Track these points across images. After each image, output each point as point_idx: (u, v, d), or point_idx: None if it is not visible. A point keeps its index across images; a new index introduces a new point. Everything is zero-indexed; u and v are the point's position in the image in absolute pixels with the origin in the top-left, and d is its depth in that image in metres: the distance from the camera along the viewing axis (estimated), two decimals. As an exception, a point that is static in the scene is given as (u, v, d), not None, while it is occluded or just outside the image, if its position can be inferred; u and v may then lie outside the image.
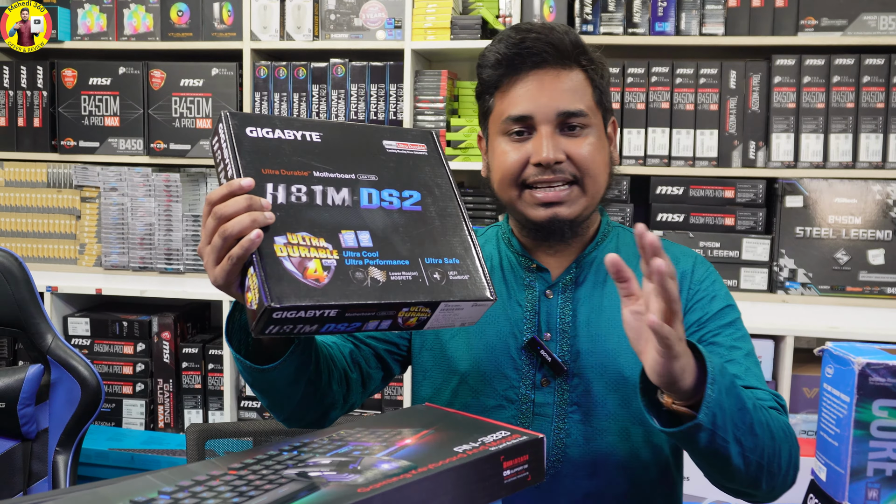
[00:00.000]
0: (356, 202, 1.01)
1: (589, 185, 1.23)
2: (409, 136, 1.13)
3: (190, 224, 2.70)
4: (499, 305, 1.29)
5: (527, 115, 1.21)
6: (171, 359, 2.72)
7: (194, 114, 2.70)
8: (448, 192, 1.10)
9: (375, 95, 2.61)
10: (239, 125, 0.99)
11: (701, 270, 1.29)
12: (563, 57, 1.21)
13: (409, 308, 0.96)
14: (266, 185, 0.95)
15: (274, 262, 0.90)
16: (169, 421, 2.74)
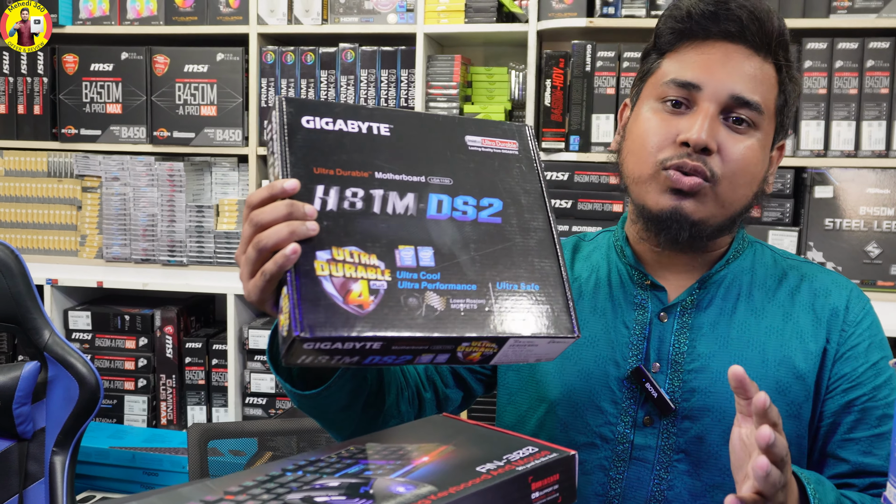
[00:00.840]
0: (422, 211, 0.87)
1: (726, 193, 1.02)
2: (498, 130, 0.96)
3: (194, 215, 2.62)
4: (601, 325, 1.10)
5: (695, 83, 1.01)
6: (173, 354, 2.64)
7: (199, 100, 2.61)
8: (537, 201, 0.93)
9: (386, 81, 2.52)
10: (294, 113, 0.86)
11: (857, 308, 1.07)
12: (764, 40, 1.02)
13: (469, 343, 0.83)
14: (316, 188, 0.83)
15: (312, 282, 0.78)
16: (172, 418, 2.66)
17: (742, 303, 1.07)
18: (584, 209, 2.32)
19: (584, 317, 1.11)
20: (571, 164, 2.35)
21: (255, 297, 0.82)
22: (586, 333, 1.10)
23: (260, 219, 0.80)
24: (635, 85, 1.12)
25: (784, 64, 1.04)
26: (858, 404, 1.02)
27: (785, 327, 1.05)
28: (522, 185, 0.93)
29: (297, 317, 0.76)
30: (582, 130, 2.35)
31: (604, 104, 2.34)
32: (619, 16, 2.33)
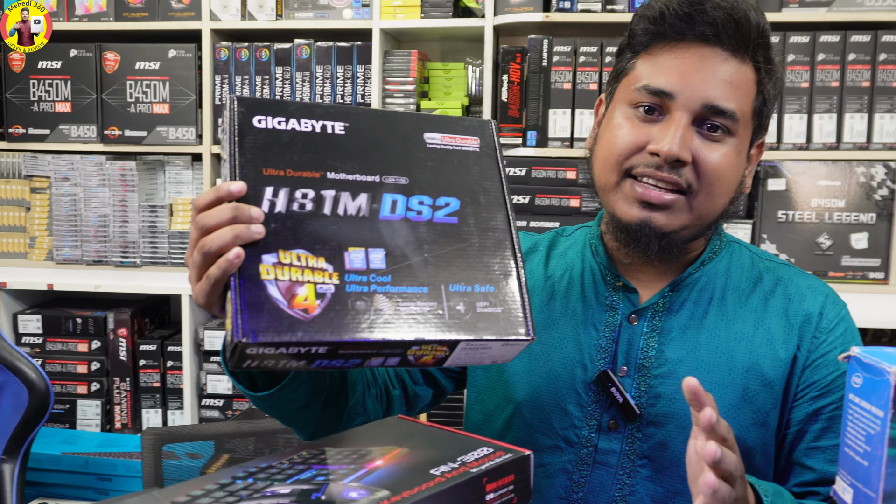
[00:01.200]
0: (375, 211, 0.85)
1: (701, 204, 0.99)
2: (459, 127, 0.94)
3: (147, 215, 2.57)
4: (571, 326, 1.08)
5: (668, 91, 0.97)
6: (127, 356, 2.59)
7: (151, 98, 2.56)
8: (497, 200, 0.91)
9: (342, 77, 2.50)
10: (246, 113, 0.84)
11: (831, 314, 1.04)
12: (741, 42, 0.97)
13: (419, 346, 0.81)
14: (264, 190, 0.81)
15: (256, 286, 0.76)
16: (126, 422, 2.61)
17: (714, 307, 1.05)
18: (542, 204, 2.32)
19: (555, 317, 1.09)
20: (529, 159, 2.34)
21: (202, 301, 0.81)
22: (556, 335, 1.08)
23: (205, 222, 0.78)
24: (610, 82, 1.09)
25: (763, 64, 1.00)
26: (826, 412, 1.00)
27: (755, 334, 1.03)
28: (482, 184, 0.91)
29: (239, 322, 0.74)
30: (539, 125, 2.35)
31: (561, 99, 2.34)
32: (575, 10, 2.33)
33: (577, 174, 2.32)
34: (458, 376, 1.19)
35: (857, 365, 0.70)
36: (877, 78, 2.27)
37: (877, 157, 2.27)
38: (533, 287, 1.13)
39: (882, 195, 2.27)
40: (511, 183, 2.33)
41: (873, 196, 2.28)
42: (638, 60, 1.02)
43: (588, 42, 2.33)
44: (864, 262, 2.29)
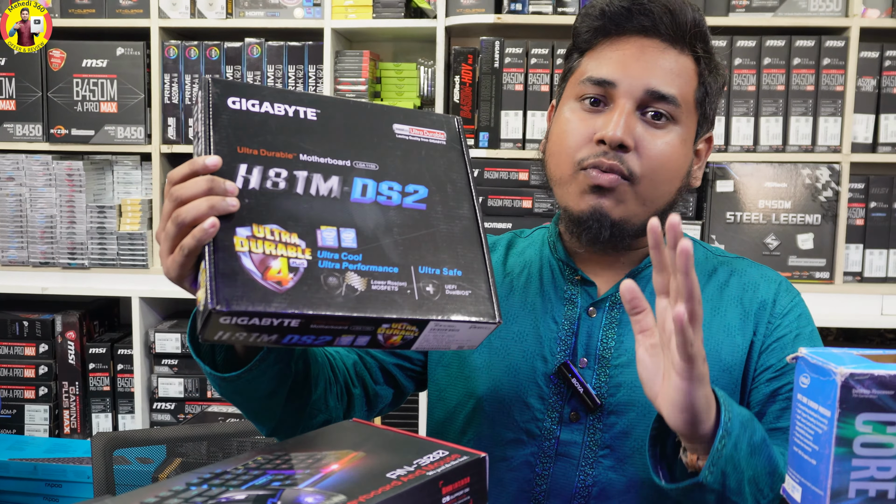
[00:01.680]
0: (346, 194, 0.87)
1: (646, 191, 1.01)
2: (427, 120, 0.96)
3: (95, 215, 2.53)
4: (531, 320, 1.09)
5: (610, 80, 1.01)
6: (76, 360, 2.55)
7: (98, 97, 2.52)
8: (464, 190, 0.94)
9: (294, 77, 2.48)
10: (220, 94, 0.86)
11: (785, 300, 1.07)
12: (678, 32, 1.01)
13: (390, 325, 0.82)
14: (238, 167, 0.82)
15: (230, 257, 0.77)
16: (75, 426, 2.56)
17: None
18: (495, 205, 2.34)
19: (514, 312, 1.11)
20: (481, 160, 2.35)
21: (174, 274, 0.81)
22: (515, 329, 1.10)
23: (180, 193, 0.79)
24: (559, 84, 1.12)
25: (703, 55, 1.03)
26: (784, 392, 1.02)
27: (712, 322, 1.06)
28: (449, 175, 0.94)
29: (213, 289, 0.75)
30: (491, 127, 2.36)
31: (513, 101, 2.35)
32: (527, 12, 2.35)
33: (529, 175, 2.34)
34: (419, 376, 1.20)
35: (805, 366, 0.72)
36: (821, 82, 2.32)
37: (821, 159, 2.33)
38: None
39: (827, 197, 2.33)
40: (464, 184, 2.34)
41: (818, 197, 2.33)
42: (583, 59, 1.06)
43: (539, 44, 2.35)
44: (810, 263, 2.35)
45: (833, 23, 2.31)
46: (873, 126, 2.34)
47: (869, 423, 0.67)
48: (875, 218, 2.36)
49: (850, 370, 0.67)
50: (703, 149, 1.10)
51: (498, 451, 1.07)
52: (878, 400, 0.66)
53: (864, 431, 0.67)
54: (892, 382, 0.67)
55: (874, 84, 2.33)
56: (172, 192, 0.80)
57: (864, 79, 2.32)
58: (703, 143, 1.09)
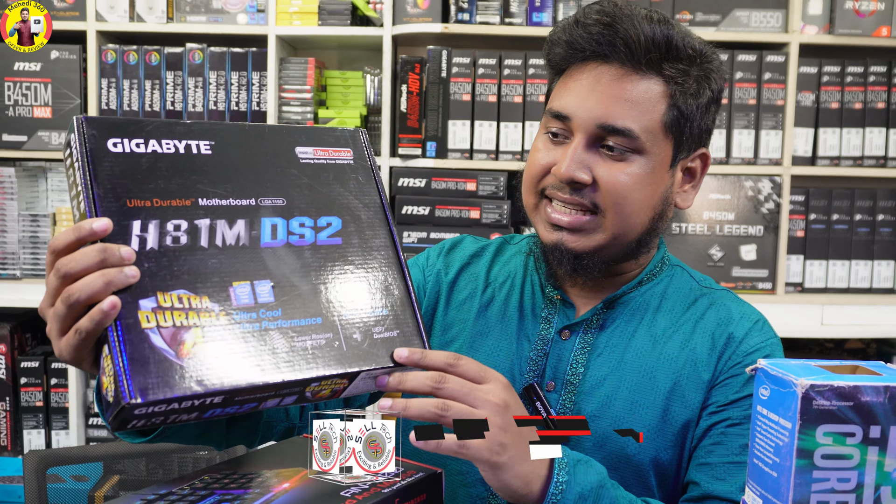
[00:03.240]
0: (255, 239, 0.79)
1: (612, 223, 0.98)
2: (330, 138, 0.89)
3: (27, 224, 2.44)
4: (506, 336, 1.07)
5: (565, 114, 0.97)
6: (7, 374, 2.45)
7: (31, 101, 2.43)
8: (377, 215, 0.88)
9: (237, 84, 2.43)
10: (98, 136, 0.75)
11: (755, 339, 1.03)
12: (636, 56, 0.94)
13: (319, 382, 0.77)
14: (131, 224, 0.73)
15: (137, 337, 0.69)
16: (5, 443, 2.46)
17: (644, 327, 1.04)
18: (442, 216, 2.32)
19: (490, 325, 1.09)
20: (428, 170, 2.34)
21: (68, 357, 0.72)
22: (490, 342, 1.07)
23: (68, 269, 0.70)
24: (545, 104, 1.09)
25: (673, 76, 0.96)
26: (719, 428, 0.99)
27: (680, 355, 1.02)
28: (361, 199, 0.88)
29: (124, 382, 0.67)
30: (439, 136, 2.35)
31: (460, 110, 2.34)
32: (474, 22, 2.34)
33: (477, 186, 2.33)
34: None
35: (765, 377, 0.71)
36: (762, 96, 2.36)
37: (763, 171, 2.37)
38: (473, 291, 1.12)
39: (769, 208, 2.37)
40: (411, 194, 2.32)
41: (761, 209, 2.37)
42: (556, 84, 1.03)
43: (487, 54, 2.34)
44: (753, 273, 2.38)
45: (773, 38, 2.36)
46: (812, 140, 2.38)
47: (829, 434, 0.67)
48: (815, 230, 2.40)
49: (810, 381, 0.66)
50: (695, 167, 1.04)
51: (454, 465, 1.04)
52: (837, 411, 0.66)
53: (824, 443, 0.66)
54: (851, 393, 0.67)
55: (813, 99, 2.37)
56: (59, 267, 0.70)
57: (804, 93, 2.37)
58: (694, 161, 1.04)
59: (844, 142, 2.38)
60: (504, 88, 2.34)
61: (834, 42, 2.36)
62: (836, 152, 2.38)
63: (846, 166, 2.39)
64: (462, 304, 1.12)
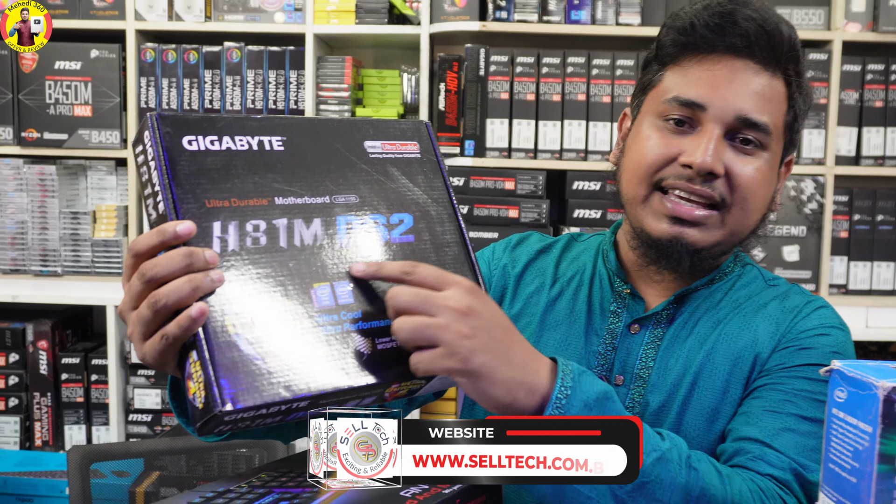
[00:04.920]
0: (331, 237, 0.77)
1: (735, 218, 0.96)
2: (396, 131, 0.87)
3: (68, 222, 2.46)
4: (574, 330, 1.05)
5: (700, 103, 0.95)
6: (48, 370, 2.47)
7: (71, 100, 2.45)
8: (446, 210, 0.86)
9: (274, 83, 2.44)
10: (173, 133, 0.73)
11: (815, 319, 1.00)
12: (773, 55, 0.95)
13: (399, 384, 0.76)
14: (212, 226, 0.71)
15: (225, 343, 0.68)
16: (47, 439, 2.49)
17: (707, 316, 1.02)
18: (480, 215, 2.31)
19: (558, 319, 1.07)
20: (467, 168, 2.33)
21: (154, 362, 0.72)
22: (557, 336, 1.05)
23: (154, 273, 0.69)
24: (636, 95, 1.06)
25: (794, 78, 0.97)
26: (759, 387, 0.97)
27: (741, 336, 1.00)
28: (429, 194, 0.86)
29: (216, 389, 0.67)
30: (477, 135, 2.34)
31: (498, 109, 2.33)
32: (512, 20, 2.33)
33: (515, 185, 2.32)
34: None
35: (841, 379, 0.70)
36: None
37: (806, 171, 2.34)
38: (541, 286, 1.10)
39: (812, 209, 2.34)
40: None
41: (804, 210, 2.34)
42: (666, 72, 1.00)
43: (525, 52, 2.33)
44: (796, 275, 2.35)
45: (816, 36, 2.32)
46: (856, 139, 2.35)
47: (912, 438, 0.65)
48: (859, 231, 2.37)
49: (892, 384, 0.65)
50: (783, 171, 1.05)
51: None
52: (921, 415, 0.65)
53: (906, 447, 0.65)
54: (933, 397, 0.65)
55: (856, 97, 2.34)
56: (144, 271, 0.69)
57: (847, 92, 2.34)
58: (783, 167, 1.04)
59: (889, 141, 2.34)
60: (542, 87, 2.33)
61: (878, 39, 2.32)
62: (881, 151, 2.35)
63: (890, 166, 2.35)
64: (529, 297, 1.10)
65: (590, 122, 2.33)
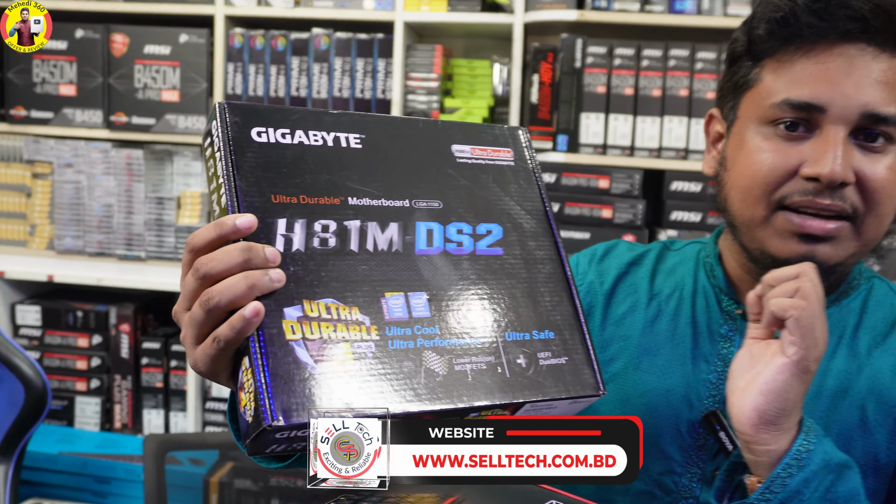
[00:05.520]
0: (409, 245, 0.71)
1: (869, 227, 0.85)
2: (489, 136, 0.80)
3: (153, 207, 2.46)
4: (678, 355, 0.94)
5: (818, 104, 0.82)
6: (129, 354, 2.48)
7: (160, 84, 2.45)
8: (541, 223, 0.78)
9: (362, 71, 2.38)
10: (241, 124, 0.69)
11: None
12: (893, 33, 0.82)
13: (479, 412, 0.68)
14: (276, 223, 0.66)
15: (281, 350, 0.62)
16: (126, 422, 2.50)
17: (843, 347, 0.90)
18: (572, 213, 2.21)
19: (659, 342, 0.96)
20: (559, 165, 2.23)
21: (203, 368, 0.66)
22: (659, 362, 0.94)
23: (208, 269, 0.63)
24: (727, 95, 0.93)
25: None
26: None
27: (883, 357, 0.89)
28: (523, 205, 0.79)
29: (266, 401, 0.60)
30: (571, 130, 2.24)
31: (594, 103, 2.23)
32: (611, 9, 2.22)
33: (610, 183, 2.21)
34: None
35: None
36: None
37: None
38: (634, 304, 1.00)
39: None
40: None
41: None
42: (763, 70, 0.88)
43: (624, 44, 2.22)
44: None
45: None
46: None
47: None
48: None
49: None
50: None
51: (622, 502, 0.93)
52: None
53: None
54: None
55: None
56: (198, 267, 0.64)
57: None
58: None
59: None
60: (642, 81, 2.22)
61: None
62: None
63: None
64: (622, 319, 0.99)
65: (692, 118, 2.21)
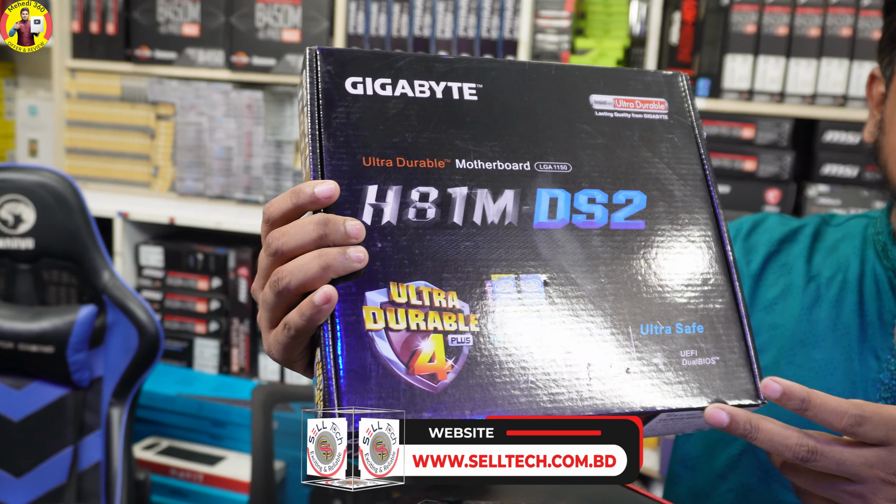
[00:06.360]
0: (526, 217, 0.60)
1: None
2: (639, 84, 0.67)
3: (272, 150, 2.42)
4: (841, 349, 0.82)
5: None
6: (247, 298, 2.47)
7: (280, 23, 2.38)
8: (697, 192, 0.65)
9: (489, 9, 2.24)
10: (334, 73, 0.59)
11: None
12: None
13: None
14: (365, 190, 0.56)
15: (359, 342, 0.53)
16: (244, 366, 2.50)
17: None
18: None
19: (819, 333, 0.83)
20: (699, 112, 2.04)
21: (277, 356, 0.58)
22: (819, 356, 0.82)
23: (279, 244, 0.55)
24: (885, 48, 0.80)
25: None
26: None
27: None
28: (675, 168, 0.65)
29: (336, 401, 0.52)
30: (713, 73, 2.04)
31: (741, 43, 2.01)
32: (766, -61, 1.99)
33: (755, 132, 2.00)
34: None
35: None
36: None
37: None
38: (787, 288, 0.86)
39: None
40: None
41: None
42: None
43: (779, -23, 1.99)
44: None
45: None
46: None
47: None
48: None
49: None
50: None
51: None
52: None
53: None
54: None
55: None
56: (270, 242, 0.56)
57: None
58: None
59: None
60: (798, 19, 1.98)
61: None
62: None
63: None
64: (772, 304, 0.86)
65: (854, 61, 1.96)
